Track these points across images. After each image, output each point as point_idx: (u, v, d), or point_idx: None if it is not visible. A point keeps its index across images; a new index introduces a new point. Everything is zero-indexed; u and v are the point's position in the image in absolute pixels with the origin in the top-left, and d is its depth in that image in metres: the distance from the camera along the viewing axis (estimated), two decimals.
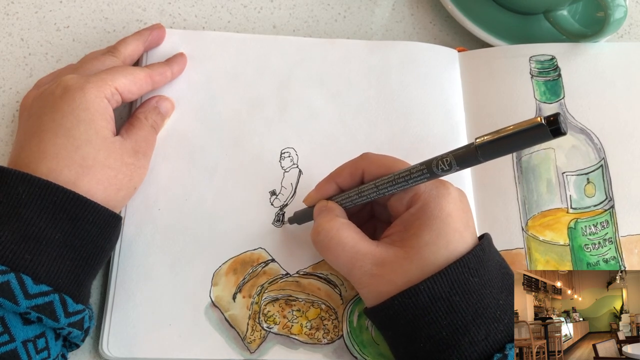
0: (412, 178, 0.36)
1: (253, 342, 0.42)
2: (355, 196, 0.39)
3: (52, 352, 0.36)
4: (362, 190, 0.39)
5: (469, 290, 0.35)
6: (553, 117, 0.28)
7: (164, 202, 0.46)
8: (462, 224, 0.37)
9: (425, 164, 0.35)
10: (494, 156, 0.32)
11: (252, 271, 0.44)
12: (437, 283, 0.35)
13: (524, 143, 0.31)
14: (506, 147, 0.31)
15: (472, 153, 0.32)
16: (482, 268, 0.36)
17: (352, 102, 0.50)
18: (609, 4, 0.48)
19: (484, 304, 0.35)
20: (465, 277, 0.35)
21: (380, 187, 0.38)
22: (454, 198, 0.37)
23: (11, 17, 0.53)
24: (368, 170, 0.40)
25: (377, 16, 0.57)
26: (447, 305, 0.34)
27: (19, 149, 0.40)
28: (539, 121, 0.29)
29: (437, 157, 0.34)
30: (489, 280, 0.36)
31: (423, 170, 0.35)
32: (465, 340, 0.34)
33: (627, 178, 0.48)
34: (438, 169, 0.34)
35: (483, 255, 0.36)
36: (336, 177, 0.41)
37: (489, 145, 0.31)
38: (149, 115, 0.46)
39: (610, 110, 0.50)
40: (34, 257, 0.35)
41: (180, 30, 0.52)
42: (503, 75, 0.52)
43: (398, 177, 0.37)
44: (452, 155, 0.33)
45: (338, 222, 0.39)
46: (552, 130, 0.28)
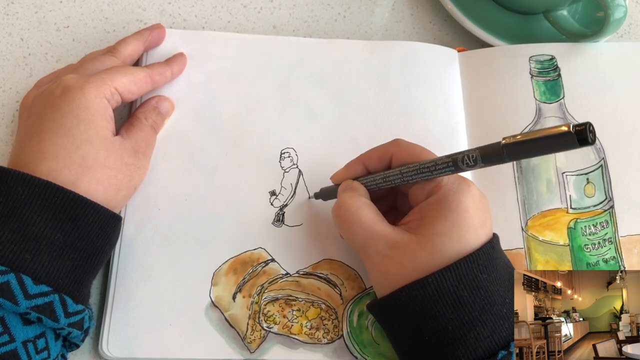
0: (437, 169, 0.37)
1: (253, 342, 0.42)
2: (380, 180, 0.40)
3: (52, 352, 0.36)
4: (388, 175, 0.40)
5: (477, 286, 0.35)
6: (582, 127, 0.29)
7: (164, 202, 0.46)
8: (479, 222, 0.37)
9: (452, 157, 0.36)
10: (519, 157, 0.33)
11: (252, 271, 0.44)
12: (446, 277, 0.35)
13: (550, 148, 0.31)
14: (532, 150, 0.32)
15: (499, 152, 0.33)
16: (491, 265, 0.36)
17: (352, 102, 0.50)
18: (609, 4, 0.48)
19: (491, 301, 0.35)
20: (474, 273, 0.35)
21: (405, 173, 0.39)
22: (473, 196, 0.38)
23: (11, 17, 0.53)
24: (397, 156, 0.40)
25: (377, 16, 0.57)
26: (455, 299, 0.35)
27: (18, 149, 0.40)
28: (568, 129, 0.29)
29: (463, 151, 0.35)
30: (497, 278, 0.36)
31: (448, 163, 0.36)
32: (470, 336, 0.34)
33: (627, 178, 0.48)
34: (463, 163, 0.35)
35: (493, 252, 0.37)
36: (365, 159, 0.42)
37: (515, 146, 0.32)
38: (148, 115, 0.46)
39: (610, 110, 0.50)
40: (34, 258, 0.35)
41: (180, 30, 0.52)
42: (503, 75, 0.52)
43: (423, 167, 0.37)
44: (478, 152, 0.34)
45: (360, 201, 0.40)
46: (580, 140, 0.29)
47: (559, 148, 0.31)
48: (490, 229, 0.38)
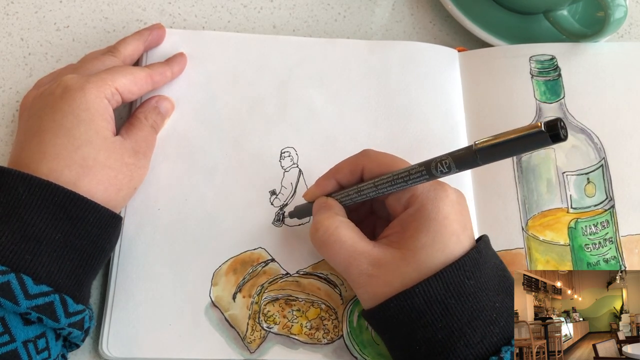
0: (411, 179, 0.36)
1: (253, 342, 0.42)
2: (354, 194, 0.40)
3: (53, 352, 0.36)
4: (361, 189, 0.39)
5: (464, 293, 0.35)
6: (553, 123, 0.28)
7: (164, 202, 0.46)
8: (460, 226, 0.37)
9: (424, 165, 0.35)
10: (493, 159, 0.32)
11: (252, 271, 0.44)
12: (432, 286, 0.35)
13: (523, 148, 0.31)
14: (505, 152, 0.31)
15: (472, 156, 0.32)
16: (478, 271, 0.36)
17: (352, 102, 0.50)
18: (609, 4, 0.48)
19: (479, 307, 0.35)
20: (460, 280, 0.35)
21: (379, 186, 0.38)
22: (451, 200, 0.37)
23: (11, 17, 0.53)
24: (368, 168, 0.40)
25: (377, 16, 0.57)
26: (443, 308, 0.34)
27: (19, 149, 0.40)
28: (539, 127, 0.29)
29: (435, 158, 0.34)
30: (485, 283, 0.36)
31: (422, 172, 0.35)
32: (460, 343, 0.34)
33: (627, 178, 0.48)
34: (437, 170, 0.34)
35: (479, 257, 0.36)
36: (336, 173, 0.41)
37: (488, 149, 0.31)
38: (149, 115, 0.46)
39: (610, 110, 0.50)
40: (35, 258, 0.35)
41: (180, 30, 0.52)
42: (503, 75, 0.52)
43: (397, 177, 0.37)
44: (451, 158, 0.33)
45: (337, 220, 0.39)
46: (552, 136, 0.28)
47: (532, 147, 0.30)
48: (471, 230, 0.38)
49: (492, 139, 0.31)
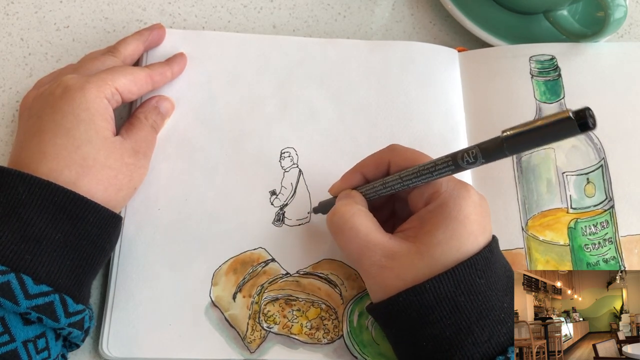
0: (437, 170, 0.35)
1: (253, 342, 0.42)
2: (379, 187, 0.39)
3: (53, 352, 0.36)
4: (387, 182, 0.39)
5: (474, 291, 0.35)
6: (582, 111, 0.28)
7: (164, 202, 0.46)
8: (479, 228, 0.36)
9: (451, 156, 0.35)
10: (520, 150, 0.32)
11: (252, 271, 0.44)
12: (443, 282, 0.34)
13: (551, 137, 0.30)
14: (533, 141, 0.30)
15: (499, 145, 0.32)
16: (489, 270, 0.36)
17: (352, 102, 0.50)
18: (609, 4, 0.48)
19: (488, 306, 0.35)
20: (472, 278, 0.35)
21: (404, 178, 0.37)
22: (473, 201, 0.37)
23: (11, 17, 0.53)
24: (394, 162, 0.39)
25: (377, 16, 0.57)
26: (452, 305, 0.34)
27: (19, 149, 0.40)
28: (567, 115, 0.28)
29: (462, 149, 0.34)
30: (495, 282, 0.36)
31: (448, 162, 0.35)
32: (468, 341, 0.34)
33: (627, 178, 0.48)
34: (463, 161, 0.34)
35: (491, 256, 0.36)
36: (362, 167, 0.41)
37: (515, 137, 0.31)
38: (149, 115, 0.46)
39: (610, 110, 0.50)
40: (34, 258, 0.35)
41: (180, 30, 0.52)
42: (503, 75, 0.52)
43: (423, 169, 0.36)
44: (478, 148, 0.33)
45: (355, 208, 0.39)
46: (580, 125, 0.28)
47: (560, 136, 0.29)
48: (490, 233, 0.38)
49: (519, 128, 0.31)
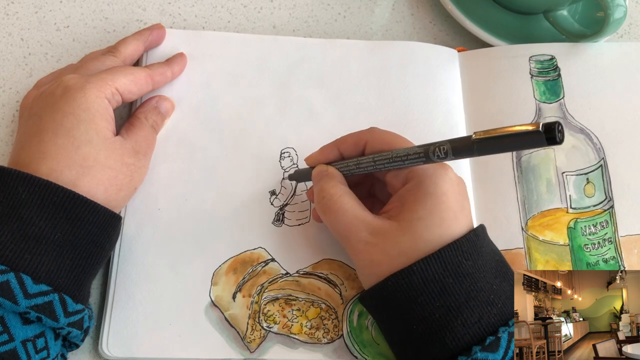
0: (409, 159, 0.37)
1: (253, 342, 0.42)
2: (353, 166, 0.41)
3: (52, 351, 0.36)
4: (360, 162, 0.40)
5: (462, 273, 0.35)
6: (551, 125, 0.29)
7: (164, 202, 0.46)
8: (457, 205, 0.37)
9: (423, 149, 0.36)
10: (489, 152, 0.33)
11: (252, 271, 0.44)
12: (431, 264, 0.35)
13: (520, 145, 0.32)
14: (502, 146, 0.32)
15: (469, 145, 0.33)
16: (476, 253, 0.36)
17: (352, 102, 0.50)
18: (608, 4, 0.48)
19: (477, 287, 0.35)
20: (458, 260, 0.35)
21: (377, 162, 0.39)
22: (450, 179, 0.38)
23: (11, 17, 0.53)
24: (370, 143, 0.41)
25: (377, 16, 0.57)
26: (440, 287, 0.35)
27: (19, 149, 0.40)
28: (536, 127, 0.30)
29: (435, 143, 0.35)
30: (483, 265, 0.36)
31: (420, 154, 0.36)
32: (457, 322, 0.34)
33: (627, 178, 0.48)
34: (434, 155, 0.35)
35: (477, 240, 0.37)
36: (340, 144, 0.42)
37: (485, 141, 0.32)
38: (149, 115, 0.46)
39: (610, 110, 0.50)
40: (34, 257, 0.35)
41: (180, 30, 0.52)
42: (503, 75, 0.52)
43: (395, 156, 0.38)
44: (449, 144, 0.34)
45: (341, 189, 0.40)
46: (548, 138, 0.29)
47: (528, 145, 0.31)
48: (469, 213, 0.39)
49: (490, 132, 0.32)
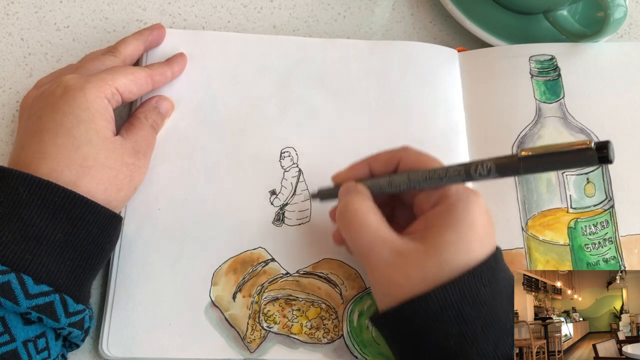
0: (447, 177, 0.35)
1: (253, 342, 0.42)
2: (384, 184, 0.39)
3: (53, 352, 0.36)
4: (393, 180, 0.38)
5: (479, 301, 0.34)
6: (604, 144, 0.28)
7: (164, 202, 0.46)
8: (486, 234, 0.36)
9: (464, 166, 0.34)
10: (535, 171, 0.31)
11: (252, 271, 0.44)
12: (449, 291, 0.34)
13: (569, 164, 0.30)
14: (550, 164, 0.31)
15: (515, 164, 0.31)
16: (494, 279, 0.35)
17: (352, 102, 0.50)
18: (609, 4, 0.48)
19: (493, 315, 0.34)
20: (477, 287, 0.34)
21: (412, 180, 0.37)
22: (481, 207, 0.37)
23: (11, 17, 0.53)
24: (404, 162, 0.39)
25: (377, 16, 0.57)
26: (457, 314, 0.34)
27: (19, 149, 0.40)
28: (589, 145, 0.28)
29: (477, 161, 0.34)
30: (500, 292, 0.35)
31: (460, 172, 0.35)
32: (473, 351, 0.33)
33: (627, 178, 0.48)
34: (476, 172, 0.33)
35: (496, 265, 0.36)
36: (372, 161, 0.41)
37: (533, 159, 0.31)
38: (149, 115, 0.46)
39: (610, 110, 0.50)
40: (35, 258, 0.35)
41: (180, 30, 0.52)
42: (503, 75, 0.52)
43: (433, 174, 0.36)
44: (493, 162, 0.33)
45: (367, 204, 0.38)
46: (600, 157, 0.28)
47: (577, 164, 0.29)
48: (494, 240, 0.37)
49: (538, 150, 0.30)
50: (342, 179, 0.42)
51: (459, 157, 0.49)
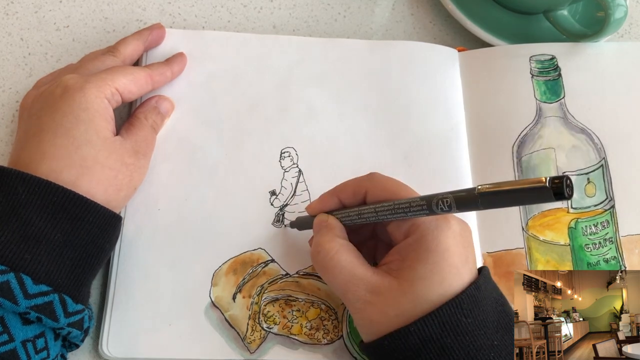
0: (411, 211, 0.35)
1: (253, 342, 0.42)
2: (354, 216, 0.39)
3: (52, 352, 0.36)
4: (362, 212, 0.38)
5: (461, 332, 0.34)
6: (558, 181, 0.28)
7: (164, 202, 0.45)
8: (461, 259, 0.35)
9: (426, 200, 0.34)
10: (494, 206, 0.32)
11: (252, 271, 0.44)
12: (428, 324, 0.34)
13: (526, 200, 0.30)
14: (507, 201, 0.31)
15: (474, 199, 0.32)
16: (477, 308, 0.35)
17: (352, 102, 0.50)
18: (609, 4, 0.48)
19: (477, 346, 0.33)
20: (457, 318, 0.34)
21: (379, 212, 0.37)
22: (453, 232, 0.36)
23: (11, 16, 0.53)
24: (371, 192, 0.39)
25: (377, 16, 0.57)
26: (439, 347, 0.33)
27: (19, 149, 0.40)
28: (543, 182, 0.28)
29: (437, 195, 0.34)
30: (484, 321, 0.34)
31: (422, 206, 0.34)
32: None
33: (627, 178, 0.48)
34: (437, 207, 0.33)
35: (478, 294, 0.35)
36: (340, 192, 0.41)
37: (490, 195, 0.31)
38: (148, 115, 0.46)
39: (610, 110, 0.50)
40: (34, 257, 0.35)
41: (180, 30, 0.52)
42: (503, 75, 0.52)
43: (397, 207, 0.36)
44: (452, 197, 0.33)
45: (337, 244, 0.38)
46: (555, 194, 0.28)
47: (535, 200, 0.30)
48: (474, 263, 0.37)
49: (494, 186, 0.31)
50: (314, 210, 0.42)
51: (459, 157, 0.49)
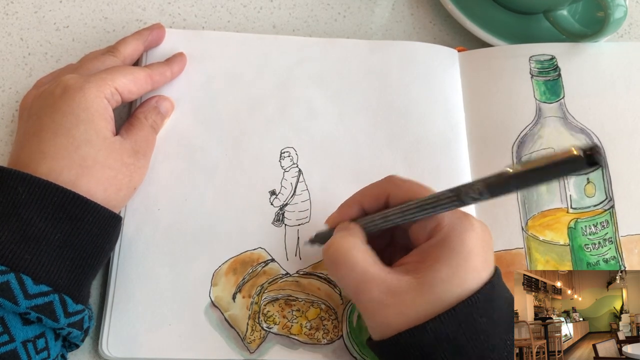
0: (440, 204, 0.34)
1: (253, 342, 0.42)
2: (380, 220, 0.38)
3: (52, 352, 0.36)
4: (388, 215, 0.37)
5: (476, 330, 0.33)
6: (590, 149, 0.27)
7: (164, 202, 0.46)
8: (482, 262, 0.35)
9: (455, 191, 0.33)
10: (528, 186, 0.31)
11: (252, 271, 0.44)
12: (444, 323, 0.33)
13: (559, 173, 0.29)
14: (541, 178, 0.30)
15: (505, 181, 0.31)
16: (491, 307, 0.34)
17: (352, 102, 0.50)
18: (609, 4, 0.48)
19: (491, 345, 0.33)
20: (473, 317, 0.33)
21: (406, 212, 0.36)
22: (477, 234, 0.35)
23: (11, 16, 0.53)
24: (393, 194, 0.38)
25: (377, 16, 0.57)
26: (454, 345, 0.33)
27: (18, 149, 0.40)
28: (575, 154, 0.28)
29: (466, 184, 0.33)
30: (497, 320, 0.34)
31: (452, 197, 0.33)
32: None
33: (627, 178, 0.48)
34: (467, 196, 0.33)
35: (493, 293, 0.35)
36: (360, 199, 0.40)
37: (523, 174, 0.30)
38: (148, 115, 0.46)
39: (610, 110, 0.50)
40: (34, 258, 0.35)
41: (180, 30, 0.52)
42: (503, 75, 0.52)
43: (425, 203, 0.35)
44: (483, 183, 0.32)
45: (352, 241, 0.37)
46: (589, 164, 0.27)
47: (568, 172, 0.29)
48: (492, 265, 0.36)
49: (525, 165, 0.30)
50: (334, 222, 0.40)
51: (459, 157, 0.49)
